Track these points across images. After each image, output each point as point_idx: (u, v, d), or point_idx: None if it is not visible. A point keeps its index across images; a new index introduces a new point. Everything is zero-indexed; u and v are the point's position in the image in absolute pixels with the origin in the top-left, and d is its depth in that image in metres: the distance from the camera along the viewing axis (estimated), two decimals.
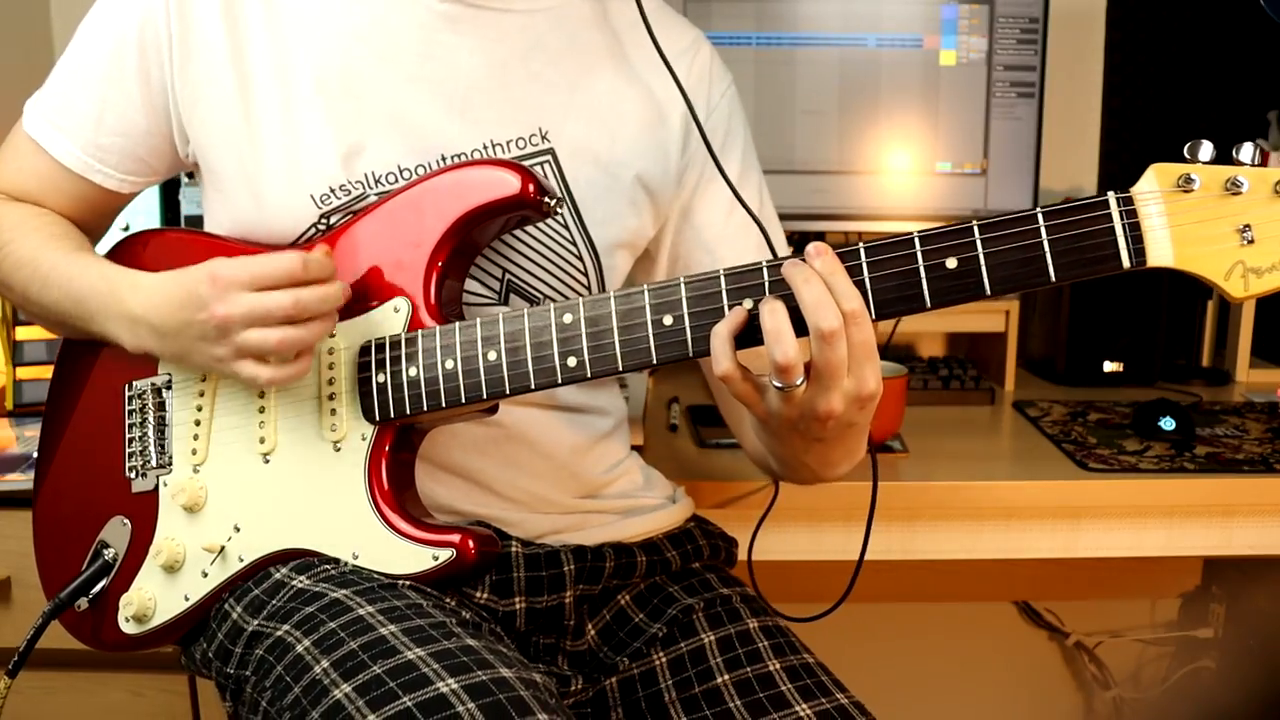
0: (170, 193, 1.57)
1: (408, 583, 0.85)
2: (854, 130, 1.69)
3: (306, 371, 0.86)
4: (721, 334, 0.77)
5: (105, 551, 0.96)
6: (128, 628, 0.95)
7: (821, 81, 1.68)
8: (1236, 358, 1.75)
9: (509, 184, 0.86)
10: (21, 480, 1.24)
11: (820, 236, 1.78)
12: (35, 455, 1.29)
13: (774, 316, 0.75)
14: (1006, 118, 1.69)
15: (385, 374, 0.87)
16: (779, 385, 0.76)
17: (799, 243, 1.78)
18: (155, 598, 0.94)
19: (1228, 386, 1.71)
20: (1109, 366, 1.69)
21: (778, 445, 0.91)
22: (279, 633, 0.83)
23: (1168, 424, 1.40)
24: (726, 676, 0.93)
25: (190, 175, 1.55)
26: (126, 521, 0.96)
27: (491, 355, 0.84)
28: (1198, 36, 1.84)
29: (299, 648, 0.80)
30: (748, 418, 1.00)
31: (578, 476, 1.02)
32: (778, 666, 0.93)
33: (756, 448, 1.04)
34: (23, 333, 1.49)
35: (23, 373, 1.48)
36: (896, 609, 1.97)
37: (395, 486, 0.88)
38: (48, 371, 1.47)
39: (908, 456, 1.34)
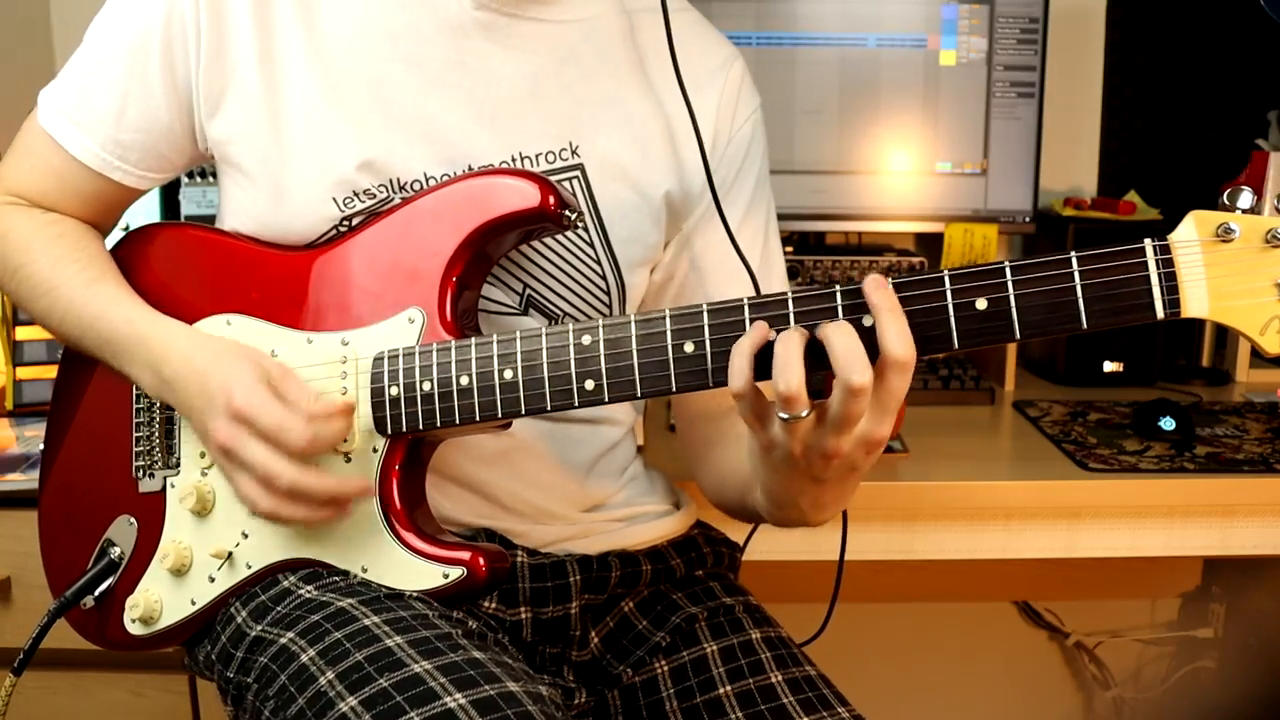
0: (170, 192, 1.57)
1: (415, 593, 0.85)
2: (854, 130, 1.69)
3: (295, 522, 0.86)
4: (743, 350, 0.74)
5: (111, 550, 0.96)
6: (134, 629, 0.94)
7: (821, 81, 1.68)
8: (1236, 358, 1.74)
9: (529, 195, 0.85)
10: (21, 480, 1.24)
11: (820, 237, 1.78)
12: (36, 454, 1.30)
13: (785, 344, 0.72)
14: (1006, 118, 1.69)
15: (399, 386, 0.85)
16: (783, 416, 0.73)
17: (799, 242, 1.79)
18: (161, 601, 0.93)
19: (1228, 386, 1.71)
20: (1109, 366, 1.69)
21: (773, 480, 0.86)
22: (283, 640, 0.82)
23: (1168, 424, 1.40)
24: (728, 687, 0.93)
25: (191, 175, 1.55)
26: (133, 521, 0.95)
27: (508, 374, 0.83)
28: (1198, 36, 1.84)
29: (303, 657, 0.79)
30: (734, 454, 0.97)
31: (585, 489, 1.01)
32: (780, 678, 0.93)
33: (726, 488, 1.00)
34: (23, 333, 1.49)
35: (23, 373, 1.48)
36: (896, 609, 1.96)
37: (406, 501, 0.86)
38: (48, 371, 1.48)
39: (908, 456, 1.34)
